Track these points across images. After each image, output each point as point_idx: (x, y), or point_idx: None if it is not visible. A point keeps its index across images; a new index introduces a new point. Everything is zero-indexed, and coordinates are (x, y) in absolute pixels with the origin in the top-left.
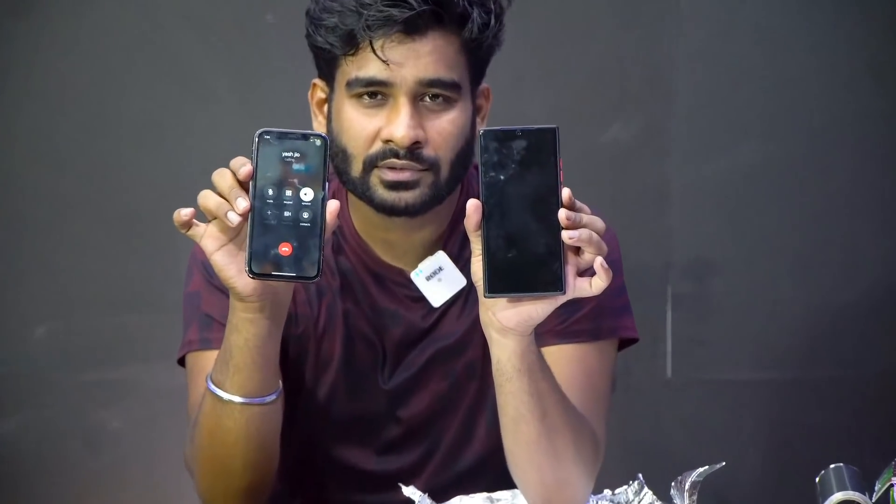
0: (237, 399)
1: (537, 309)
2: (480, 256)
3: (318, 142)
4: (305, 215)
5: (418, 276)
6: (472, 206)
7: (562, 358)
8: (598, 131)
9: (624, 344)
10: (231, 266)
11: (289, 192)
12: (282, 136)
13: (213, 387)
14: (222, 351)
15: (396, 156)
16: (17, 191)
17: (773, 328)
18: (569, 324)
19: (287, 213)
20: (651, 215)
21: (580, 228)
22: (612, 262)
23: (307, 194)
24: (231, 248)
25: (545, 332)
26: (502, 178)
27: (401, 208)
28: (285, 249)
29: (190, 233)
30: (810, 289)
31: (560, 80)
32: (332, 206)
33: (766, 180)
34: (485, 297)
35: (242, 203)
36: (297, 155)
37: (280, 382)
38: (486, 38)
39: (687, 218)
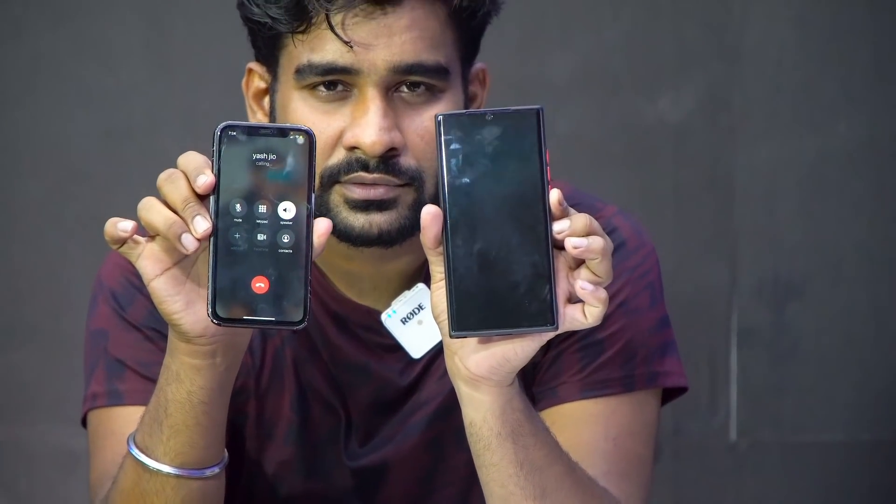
0: (170, 470)
1: (515, 349)
2: (442, 282)
3: (301, 139)
4: (286, 239)
5: (391, 319)
6: (430, 214)
7: (582, 417)
8: (641, 103)
9: (669, 395)
10: (176, 298)
11: (263, 208)
12: (252, 132)
13: (137, 452)
14: (153, 407)
15: (365, 167)
16: None
17: (877, 371)
18: (590, 371)
19: (261, 237)
20: (709, 216)
21: (589, 236)
22: (649, 285)
23: (288, 210)
24: (176, 275)
25: (560, 385)
26: (469, 178)
27: (372, 236)
28: (260, 285)
29: (124, 250)
30: None
31: (589, 35)
32: (322, 225)
33: (865, 170)
34: (450, 336)
35: (202, 224)
36: (273, 157)
37: (225, 451)
38: (482, 4)
39: (758, 220)
